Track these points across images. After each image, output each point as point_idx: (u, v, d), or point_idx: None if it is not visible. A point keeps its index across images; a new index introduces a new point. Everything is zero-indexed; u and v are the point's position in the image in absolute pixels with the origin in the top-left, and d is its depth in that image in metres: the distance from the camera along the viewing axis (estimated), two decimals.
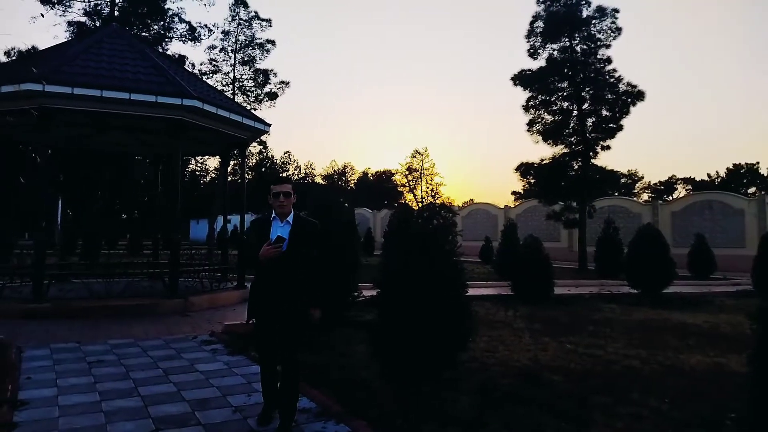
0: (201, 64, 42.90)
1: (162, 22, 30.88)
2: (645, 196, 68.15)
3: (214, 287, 10.72)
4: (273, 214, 3.92)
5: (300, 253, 3.82)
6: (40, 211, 10.68)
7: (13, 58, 27.92)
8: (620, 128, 21.44)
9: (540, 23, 22.50)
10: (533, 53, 22.91)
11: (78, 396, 4.62)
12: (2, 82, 8.49)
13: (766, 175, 65.50)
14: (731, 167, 67.51)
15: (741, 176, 66.48)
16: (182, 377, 5.27)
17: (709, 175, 69.16)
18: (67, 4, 28.61)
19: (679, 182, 71.83)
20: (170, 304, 9.20)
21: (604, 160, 28.67)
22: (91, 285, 9.82)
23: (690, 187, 67.47)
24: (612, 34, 21.91)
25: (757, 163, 66.13)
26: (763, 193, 42.16)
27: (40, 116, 8.50)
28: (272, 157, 62.65)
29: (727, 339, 7.53)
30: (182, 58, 32.66)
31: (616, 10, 21.75)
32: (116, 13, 27.82)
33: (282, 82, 43.67)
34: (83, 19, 29.04)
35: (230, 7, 42.98)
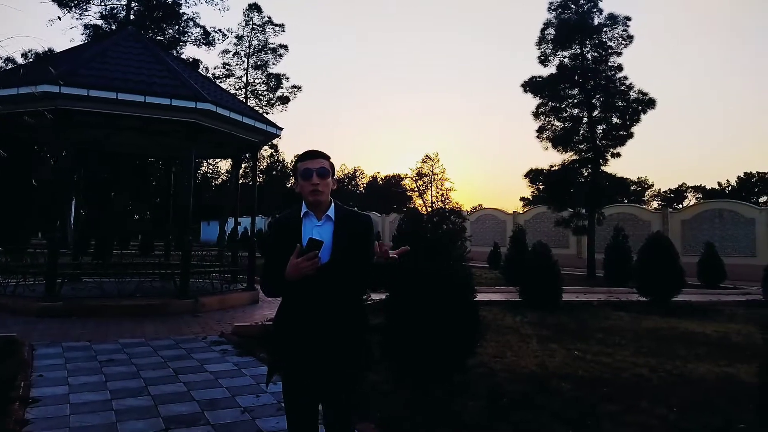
0: (214, 68, 43.23)
1: (177, 27, 31.16)
2: (655, 204, 67.70)
3: (224, 288, 10.80)
4: (304, 209, 2.49)
5: (350, 265, 2.42)
6: (55, 211, 10.82)
7: (30, 60, 28.32)
8: (631, 135, 21.39)
9: (551, 30, 22.53)
10: (544, 60, 22.93)
11: (89, 394, 4.66)
12: (20, 84, 8.63)
13: None
14: (742, 176, 66.94)
15: (752, 185, 65.87)
16: (192, 377, 5.31)
17: (719, 184, 68.66)
18: (84, 7, 28.99)
19: (689, 190, 71.35)
20: (181, 304, 9.28)
21: (614, 167, 28.59)
22: (103, 284, 9.93)
23: (700, 195, 67.00)
24: (623, 41, 21.91)
25: None
26: None
27: (57, 118, 8.62)
28: (283, 160, 62.95)
29: (736, 349, 7.48)
30: (196, 62, 32.92)
31: (628, 18, 21.77)
32: (132, 17, 28.09)
33: (294, 87, 43.91)
34: (99, 22, 29.40)
35: (244, 12, 43.34)
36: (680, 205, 60.26)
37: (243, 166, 14.09)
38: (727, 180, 68.61)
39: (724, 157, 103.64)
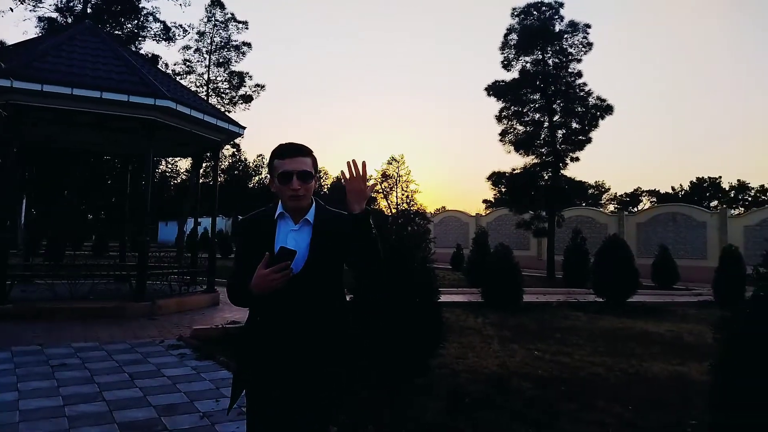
0: (174, 65, 42.21)
1: (136, 21, 30.33)
2: (611, 207, 69.48)
3: (182, 291, 10.57)
4: (279, 209, 2.20)
5: (328, 273, 2.17)
6: (4, 210, 10.38)
7: None
8: (589, 140, 21.96)
9: (514, 36, 22.95)
10: (507, 65, 23.34)
11: (40, 400, 4.51)
12: None
13: (728, 189, 67.55)
14: (695, 181, 69.40)
15: (704, 190, 68.38)
16: (148, 382, 5.18)
17: (673, 188, 70.94)
18: None
19: (644, 194, 73.48)
20: (137, 307, 9.04)
21: (573, 171, 29.39)
22: (55, 286, 9.59)
23: (655, 199, 69.06)
24: (583, 48, 22.51)
25: (720, 177, 68.09)
26: (724, 206, 43.55)
27: (8, 113, 8.29)
28: (245, 159, 62.10)
29: (688, 348, 7.75)
30: (155, 58, 32.14)
31: (588, 26, 22.37)
32: (89, 11, 27.22)
33: (257, 85, 43.23)
34: (54, 15, 28.33)
35: (206, 8, 42.40)
36: (636, 209, 62.11)
37: (204, 165, 13.83)
38: (681, 185, 70.97)
39: (677, 162, 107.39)
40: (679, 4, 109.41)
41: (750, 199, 63.54)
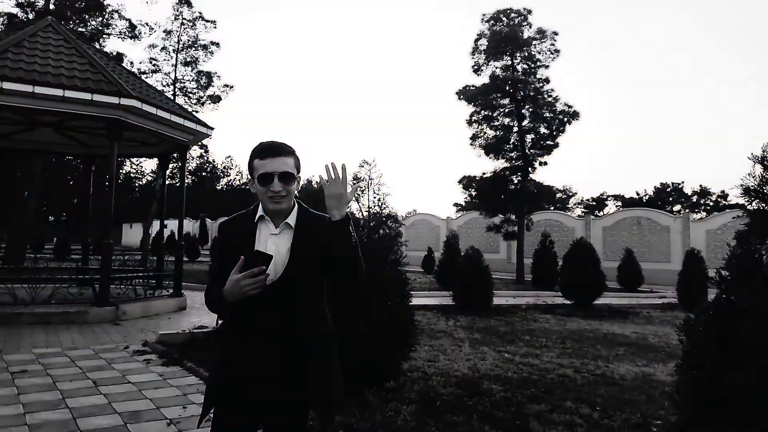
0: (140, 63, 41.28)
1: (100, 18, 29.63)
2: (578, 211, 70.72)
3: (148, 295, 10.33)
4: (259, 211, 2.10)
5: (309, 281, 2.06)
6: None
7: None
8: (557, 145, 22.35)
9: (484, 41, 23.23)
10: (477, 70, 23.61)
11: None
12: None
13: (690, 194, 69.50)
14: (658, 186, 71.18)
15: (667, 195, 70.17)
16: (113, 388, 5.04)
17: (637, 193, 72.57)
18: None
19: (609, 199, 74.99)
20: (100, 312, 8.80)
21: (541, 175, 29.86)
22: (14, 290, 9.28)
23: (620, 203, 70.56)
24: (551, 55, 22.94)
25: (682, 182, 70.00)
26: (687, 211, 44.77)
27: None
28: (213, 161, 61.31)
29: (653, 349, 7.93)
30: (120, 56, 31.45)
31: (556, 33, 22.79)
32: (51, 6, 26.42)
33: (226, 86, 42.63)
34: (15, 10, 27.43)
35: (173, 6, 41.71)
36: (602, 213, 63.33)
37: (170, 166, 13.55)
38: (645, 190, 72.63)
39: (642, 168, 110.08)
40: (642, 11, 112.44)
41: (711, 204, 65.53)
